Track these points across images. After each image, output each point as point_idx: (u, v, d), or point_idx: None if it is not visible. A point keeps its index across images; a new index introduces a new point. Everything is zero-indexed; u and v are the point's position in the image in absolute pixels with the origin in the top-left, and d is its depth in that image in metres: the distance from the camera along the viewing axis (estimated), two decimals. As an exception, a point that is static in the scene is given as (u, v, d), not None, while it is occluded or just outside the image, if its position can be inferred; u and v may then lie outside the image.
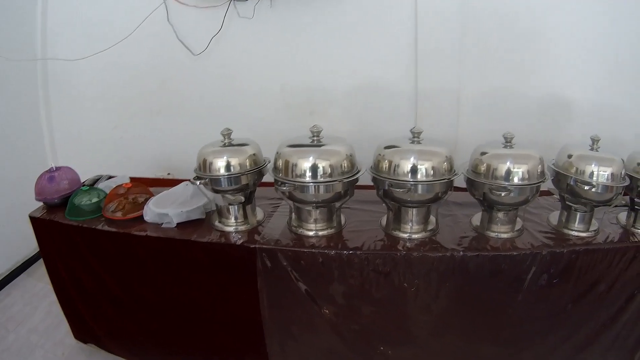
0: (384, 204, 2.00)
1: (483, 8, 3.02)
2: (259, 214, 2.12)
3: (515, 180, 1.97)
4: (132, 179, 2.30)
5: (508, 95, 3.18)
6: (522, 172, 1.99)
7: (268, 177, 2.00)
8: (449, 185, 1.90)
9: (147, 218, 2.10)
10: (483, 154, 2.01)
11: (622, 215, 2.42)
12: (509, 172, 1.97)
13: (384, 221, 2.03)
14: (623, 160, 2.18)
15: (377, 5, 2.89)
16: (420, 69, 2.97)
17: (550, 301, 2.18)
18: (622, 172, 2.14)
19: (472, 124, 2.74)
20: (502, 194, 1.95)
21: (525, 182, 1.99)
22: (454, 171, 1.93)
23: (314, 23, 2.88)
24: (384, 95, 3.00)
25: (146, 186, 2.27)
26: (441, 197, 1.93)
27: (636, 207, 2.32)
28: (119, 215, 2.14)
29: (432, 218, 2.04)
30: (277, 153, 1.85)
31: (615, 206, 2.46)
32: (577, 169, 2.10)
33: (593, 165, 2.09)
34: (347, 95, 2.97)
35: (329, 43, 2.92)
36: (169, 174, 3.12)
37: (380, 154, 1.88)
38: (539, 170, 2.02)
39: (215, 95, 3.09)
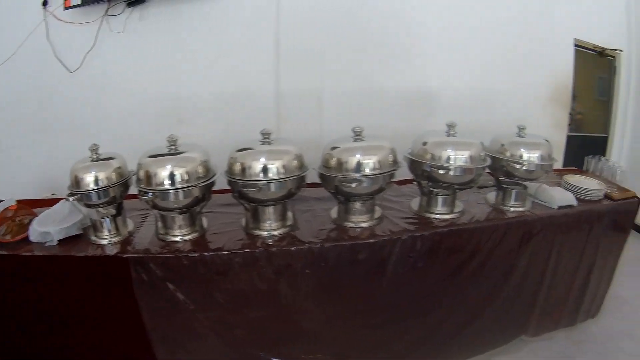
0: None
1: (344, 7, 3.13)
2: (130, 225, 2.21)
3: (367, 170, 2.06)
4: (19, 201, 2.38)
5: (372, 91, 3.32)
6: (373, 163, 2.07)
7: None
8: (300, 182, 1.97)
9: (32, 238, 2.16)
10: (333, 148, 2.11)
11: (491, 196, 2.53)
12: (359, 164, 2.05)
13: (244, 222, 2.12)
14: (482, 143, 2.27)
15: (241, 10, 2.95)
16: (283, 70, 3.05)
17: (420, 283, 2.29)
18: (482, 154, 2.23)
19: (337, 122, 2.82)
20: (353, 185, 2.03)
21: (377, 171, 2.07)
22: (305, 167, 2.02)
23: (181, 33, 2.92)
24: (249, 99, 3.07)
25: (30, 207, 2.36)
26: (294, 193, 2.00)
27: (503, 185, 2.41)
28: (8, 238, 2.22)
29: (290, 214, 2.13)
30: (139, 164, 1.90)
31: (483, 187, 2.58)
32: (432, 155, 2.18)
33: (449, 150, 2.17)
34: (214, 102, 3.03)
35: (196, 51, 2.97)
36: (53, 194, 3.19)
37: (232, 157, 1.94)
38: (390, 160, 2.11)
39: (90, 111, 3.16)
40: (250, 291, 2.05)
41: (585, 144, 4.79)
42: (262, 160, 1.92)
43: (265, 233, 2.01)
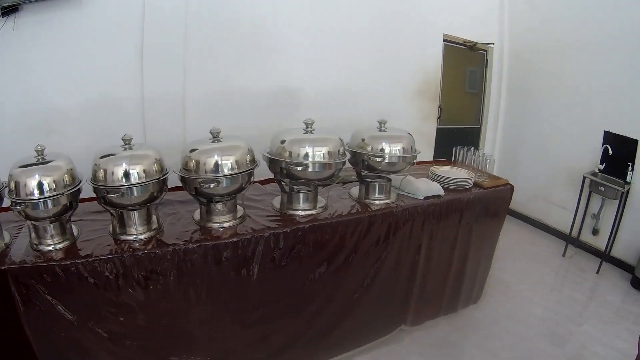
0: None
1: (207, 9, 3.14)
2: (6, 237, 2.07)
3: (225, 171, 2.04)
4: None
5: (234, 92, 3.34)
6: (231, 163, 2.05)
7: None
8: (162, 185, 1.96)
9: None
10: (192, 150, 2.08)
11: (355, 190, 2.58)
12: (217, 165, 2.04)
13: (111, 228, 2.02)
14: (341, 139, 2.30)
15: (105, 16, 2.86)
16: (147, 75, 3.01)
17: (289, 280, 2.29)
18: (341, 149, 2.25)
19: (200, 125, 2.81)
20: (212, 186, 2.00)
21: (235, 171, 2.05)
22: (166, 171, 2.01)
23: (52, 42, 2.81)
24: (115, 106, 3.01)
25: None
26: (157, 197, 1.99)
27: (366, 179, 2.46)
28: None
29: (154, 218, 2.06)
30: (9, 175, 1.79)
31: (346, 182, 2.62)
32: (290, 152, 2.19)
33: (307, 147, 2.19)
34: (83, 111, 2.94)
35: (66, 60, 2.86)
36: None
37: (95, 164, 1.88)
38: (247, 159, 2.10)
39: None
40: (126, 299, 1.96)
41: (458, 136, 5.01)
42: (124, 165, 1.87)
43: (131, 238, 1.95)
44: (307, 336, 2.50)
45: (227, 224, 2.17)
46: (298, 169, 2.15)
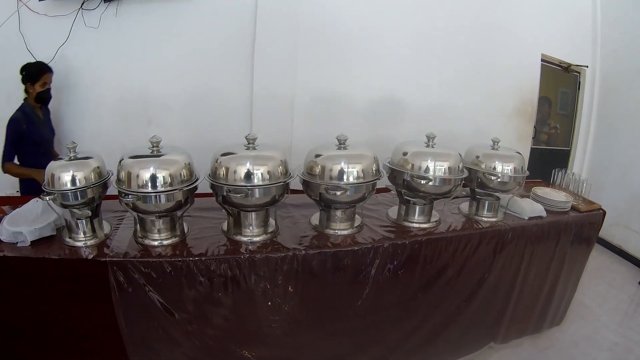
0: (223, 210, 2.06)
1: (316, 16, 3.19)
2: (106, 228, 2.16)
3: (350, 179, 2.09)
4: (-15, 198, 2.30)
5: (339, 99, 3.39)
6: (357, 171, 2.10)
7: (112, 190, 2.02)
8: (285, 188, 1.97)
9: (2, 237, 2.08)
10: (317, 156, 2.12)
11: (465, 206, 2.61)
12: (342, 172, 2.08)
13: (225, 226, 2.10)
14: (460, 155, 2.33)
15: (217, 12, 2.94)
16: (257, 73, 3.07)
17: (398, 291, 2.33)
18: (460, 166, 2.29)
19: (305, 128, 2.86)
20: (338, 193, 2.05)
21: (360, 180, 2.10)
22: (289, 174, 2.01)
23: (155, 31, 2.89)
24: (221, 102, 3.09)
25: (-1, 204, 2.29)
26: (278, 200, 1.98)
27: (477, 196, 2.49)
28: (-24, 237, 2.14)
29: (272, 220, 2.13)
30: (120, 165, 1.83)
31: (456, 197, 2.65)
32: (412, 165, 2.23)
33: (429, 161, 2.23)
34: (185, 104, 3.00)
35: (169, 51, 2.93)
36: (17, 191, 3.12)
37: (217, 161, 1.90)
38: (373, 169, 2.15)
39: (60, 107, 3.09)
40: (230, 296, 2.03)
41: (548, 157, 5.02)
42: (248, 165, 1.88)
43: (246, 239, 1.99)
44: (405, 348, 2.53)
45: (345, 232, 2.22)
46: (421, 182, 2.17)
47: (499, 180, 2.38)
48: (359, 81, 3.46)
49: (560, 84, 5.09)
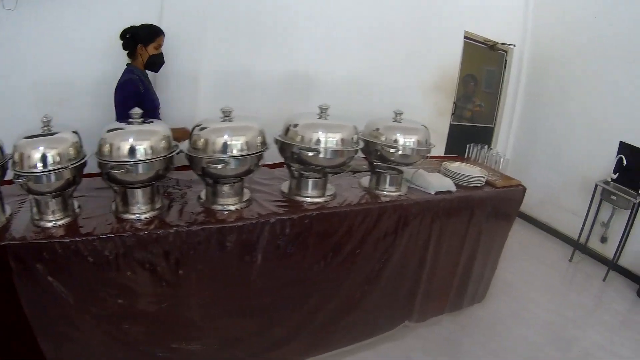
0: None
1: None
2: (7, 211, 2.02)
3: (234, 152, 1.97)
4: None
5: (249, 74, 3.30)
6: (241, 144, 1.98)
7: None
8: (168, 163, 1.86)
9: None
10: (202, 129, 2.00)
11: (366, 180, 2.52)
12: (226, 145, 1.96)
13: (114, 206, 1.95)
14: (356, 127, 2.23)
15: None
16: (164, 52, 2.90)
17: (292, 269, 2.23)
18: (355, 137, 2.19)
19: (213, 104, 2.77)
20: (219, 167, 1.94)
21: (245, 152, 1.98)
22: (172, 149, 1.94)
23: (70, 12, 2.78)
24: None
25: None
26: (163, 176, 1.89)
27: (377, 170, 2.40)
28: None
29: (157, 198, 1.99)
30: (14, 146, 1.70)
31: (357, 171, 2.56)
32: (302, 137, 2.13)
33: (320, 132, 2.13)
34: (96, 85, 2.91)
35: (84, 33, 2.84)
36: None
37: (102, 138, 1.79)
38: (258, 141, 2.03)
39: None
40: (125, 280, 1.89)
41: (470, 134, 4.97)
42: (130, 140, 1.78)
43: (134, 217, 1.87)
44: (310, 328, 2.44)
45: (233, 207, 2.10)
46: (309, 154, 2.08)
47: (399, 152, 2.29)
48: (270, 57, 3.39)
49: (487, 62, 5.09)
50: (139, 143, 1.81)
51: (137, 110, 1.89)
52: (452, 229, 2.68)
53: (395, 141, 2.32)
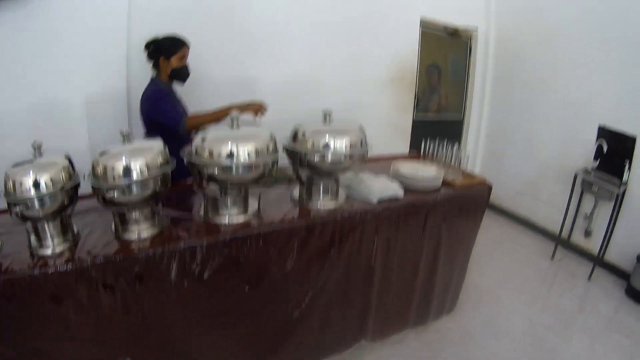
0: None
1: None
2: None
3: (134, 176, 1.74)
4: None
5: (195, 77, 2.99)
6: (140, 166, 1.76)
7: None
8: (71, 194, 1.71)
9: None
10: (102, 154, 1.76)
11: (297, 191, 2.24)
12: (127, 170, 1.74)
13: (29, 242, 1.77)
14: (272, 134, 2.03)
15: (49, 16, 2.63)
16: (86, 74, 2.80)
17: (215, 296, 2.00)
18: (270, 146, 1.96)
19: None
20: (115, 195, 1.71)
21: (145, 176, 1.75)
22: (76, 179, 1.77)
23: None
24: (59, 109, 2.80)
25: None
26: (67, 206, 1.72)
27: (305, 181, 2.13)
28: None
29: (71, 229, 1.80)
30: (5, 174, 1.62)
31: (290, 181, 2.30)
32: (210, 152, 1.89)
33: (230, 144, 1.88)
34: (32, 115, 2.72)
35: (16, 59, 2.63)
36: None
37: (7, 174, 1.62)
38: (159, 162, 1.83)
39: None
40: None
41: (438, 129, 4.66)
42: (31, 175, 1.63)
43: (49, 252, 1.69)
44: (245, 356, 2.21)
45: (143, 235, 1.85)
46: (215, 171, 1.83)
47: (328, 161, 1.97)
48: (210, 60, 3.16)
49: (451, 50, 4.78)
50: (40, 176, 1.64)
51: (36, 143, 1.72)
52: (403, 239, 2.41)
53: (325, 146, 2.02)
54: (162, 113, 2.40)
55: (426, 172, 2.54)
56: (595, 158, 3.55)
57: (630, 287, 3.26)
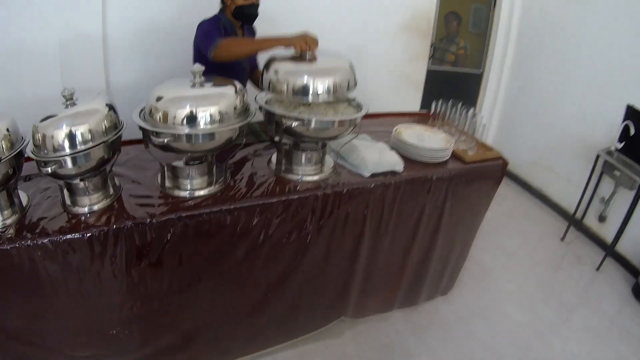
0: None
1: None
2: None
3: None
4: None
5: (165, 30, 2.80)
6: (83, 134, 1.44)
7: None
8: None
9: None
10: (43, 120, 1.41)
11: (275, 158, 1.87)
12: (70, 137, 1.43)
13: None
14: (240, 91, 1.69)
15: None
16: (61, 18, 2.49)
17: (168, 280, 1.73)
18: (237, 106, 1.62)
19: (128, 67, 2.63)
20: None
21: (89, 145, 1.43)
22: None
23: None
24: (24, 57, 2.53)
25: None
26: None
27: (284, 147, 1.77)
28: None
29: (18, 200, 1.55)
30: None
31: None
32: (163, 114, 1.57)
33: (188, 107, 1.57)
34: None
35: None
36: None
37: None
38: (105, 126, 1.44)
39: None
40: None
41: (455, 81, 4.29)
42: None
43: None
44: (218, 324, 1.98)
45: (96, 207, 1.57)
46: (177, 142, 1.55)
47: (312, 126, 1.61)
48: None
49: None
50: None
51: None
52: (397, 218, 2.11)
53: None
54: (200, 37, 2.07)
55: (433, 141, 2.19)
56: (620, 140, 3.12)
57: (637, 285, 2.97)
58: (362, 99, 1.85)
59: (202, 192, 1.68)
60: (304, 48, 1.72)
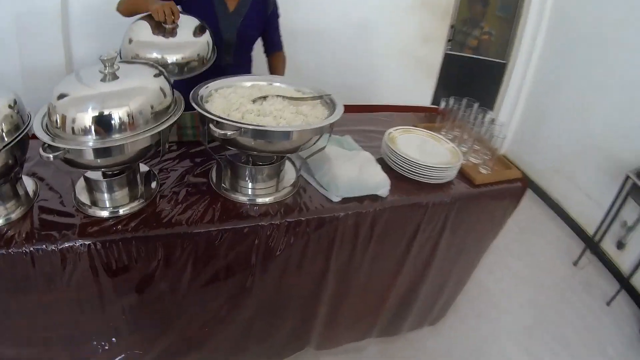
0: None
1: None
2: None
3: None
4: None
5: None
6: None
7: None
8: None
9: None
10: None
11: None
12: None
13: None
14: (165, 77, 1.33)
15: None
16: None
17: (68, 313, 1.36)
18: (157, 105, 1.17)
19: (89, 43, 2.47)
20: None
21: None
22: None
23: None
24: None
25: None
26: None
27: (224, 162, 1.34)
28: None
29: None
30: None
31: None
32: (60, 118, 1.14)
33: (90, 110, 1.18)
34: None
35: None
36: None
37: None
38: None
39: None
40: None
41: (476, 69, 3.86)
42: None
43: None
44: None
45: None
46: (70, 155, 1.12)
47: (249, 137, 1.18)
48: None
49: None
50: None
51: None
52: (377, 250, 1.71)
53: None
54: None
55: (436, 154, 1.72)
56: (654, 161, 2.65)
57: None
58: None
59: (123, 210, 1.26)
60: (160, 18, 1.48)
